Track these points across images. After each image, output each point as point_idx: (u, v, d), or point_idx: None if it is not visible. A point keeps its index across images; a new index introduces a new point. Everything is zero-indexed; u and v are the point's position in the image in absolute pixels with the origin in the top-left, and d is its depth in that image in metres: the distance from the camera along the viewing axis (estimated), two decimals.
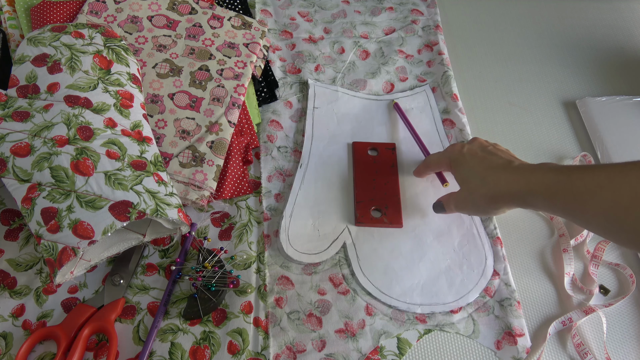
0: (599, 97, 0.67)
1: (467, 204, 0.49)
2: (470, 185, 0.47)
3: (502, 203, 0.45)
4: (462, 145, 0.51)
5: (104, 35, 0.57)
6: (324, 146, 0.60)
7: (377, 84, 0.67)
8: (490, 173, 0.46)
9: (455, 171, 0.50)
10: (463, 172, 0.49)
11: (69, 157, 0.46)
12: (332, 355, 0.47)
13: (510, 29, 0.76)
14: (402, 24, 0.74)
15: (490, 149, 0.49)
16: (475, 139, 0.51)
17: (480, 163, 0.48)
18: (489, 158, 0.48)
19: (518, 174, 0.44)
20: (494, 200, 0.45)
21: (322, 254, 0.52)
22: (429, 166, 0.55)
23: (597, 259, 0.54)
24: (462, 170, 0.49)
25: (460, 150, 0.50)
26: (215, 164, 0.54)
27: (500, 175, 0.45)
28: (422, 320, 0.49)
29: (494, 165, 0.46)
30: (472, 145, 0.50)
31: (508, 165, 0.46)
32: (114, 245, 0.47)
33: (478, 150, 0.49)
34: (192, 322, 0.47)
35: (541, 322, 0.50)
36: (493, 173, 0.46)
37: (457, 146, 0.51)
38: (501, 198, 0.45)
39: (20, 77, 0.52)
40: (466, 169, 0.48)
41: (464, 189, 0.49)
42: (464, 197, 0.49)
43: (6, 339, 0.45)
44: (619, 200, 0.37)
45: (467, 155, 0.49)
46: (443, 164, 0.52)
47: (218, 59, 0.61)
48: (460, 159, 0.49)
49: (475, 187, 0.47)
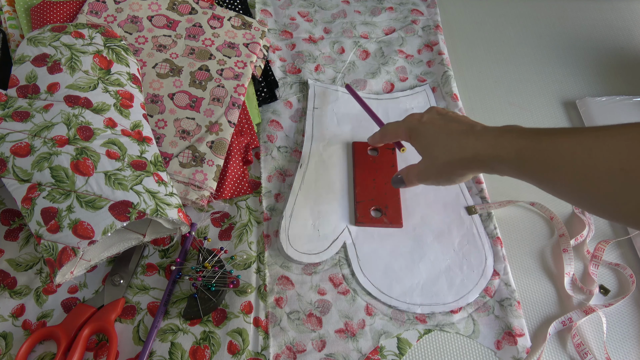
0: (599, 97, 0.67)
1: (430, 174, 0.47)
2: (432, 153, 0.45)
3: (466, 169, 0.43)
4: (420, 115, 0.49)
5: (104, 35, 0.57)
6: (324, 146, 0.60)
7: (377, 84, 0.67)
8: (453, 139, 0.44)
9: (414, 141, 0.48)
10: (423, 140, 0.47)
11: (69, 157, 0.46)
12: (332, 355, 0.47)
13: (510, 29, 0.76)
14: (402, 24, 0.74)
15: (451, 115, 0.47)
16: (433, 108, 0.49)
17: (441, 130, 0.45)
18: (450, 125, 0.45)
19: (483, 138, 0.42)
20: (458, 167, 0.44)
21: (322, 254, 0.52)
22: (386, 135, 0.53)
23: (597, 259, 0.54)
24: (423, 139, 0.47)
25: (420, 119, 0.48)
26: (215, 164, 0.54)
27: (463, 141, 0.43)
28: (422, 320, 0.49)
29: (456, 130, 0.44)
30: (430, 113, 0.48)
31: (471, 130, 0.44)
32: (114, 245, 0.47)
33: (437, 117, 0.47)
34: (192, 322, 0.47)
35: (541, 322, 0.50)
36: (455, 139, 0.44)
37: (416, 115, 0.49)
38: (466, 164, 0.43)
39: (20, 77, 0.52)
40: (426, 137, 0.46)
41: (426, 158, 0.47)
42: (426, 167, 0.47)
43: (6, 339, 0.45)
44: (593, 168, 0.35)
45: (427, 124, 0.47)
46: (401, 134, 0.50)
47: (218, 59, 0.61)
48: (419, 127, 0.47)
49: (437, 155, 0.45)
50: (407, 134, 0.49)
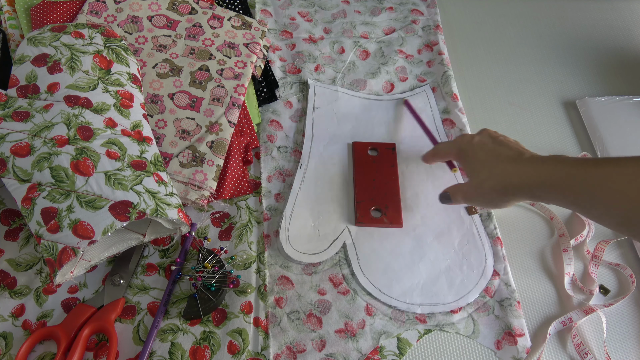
0: (599, 97, 0.67)
1: (476, 196, 0.48)
2: (480, 176, 0.47)
3: (511, 195, 0.45)
4: (471, 136, 0.50)
5: (104, 35, 0.57)
6: (324, 146, 0.60)
7: (377, 84, 0.67)
8: (500, 164, 0.45)
9: (464, 162, 0.49)
10: (472, 163, 0.48)
11: (69, 157, 0.46)
12: (332, 355, 0.47)
13: (510, 29, 0.76)
14: (402, 24, 0.74)
15: (501, 140, 0.48)
16: (485, 130, 0.51)
17: (490, 154, 0.47)
18: (499, 149, 0.47)
19: (529, 165, 0.43)
20: (503, 192, 0.45)
21: (322, 254, 0.52)
22: (438, 154, 0.54)
23: (597, 259, 0.54)
24: (472, 161, 0.48)
25: (470, 141, 0.49)
26: (215, 164, 0.54)
27: (510, 167, 0.44)
28: (422, 320, 0.49)
29: (504, 156, 0.46)
30: (482, 136, 0.50)
31: (518, 157, 0.45)
32: (114, 245, 0.47)
33: (488, 141, 0.48)
34: (192, 322, 0.47)
35: (541, 322, 0.50)
36: (503, 164, 0.45)
37: (467, 137, 0.50)
38: (511, 190, 0.44)
39: (20, 77, 0.52)
40: (475, 160, 0.48)
41: (473, 180, 0.48)
42: (472, 189, 0.48)
43: (6, 339, 0.45)
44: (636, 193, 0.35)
45: (476, 146, 0.48)
46: (452, 154, 0.52)
47: (218, 59, 0.61)
48: (469, 149, 0.49)
49: (484, 178, 0.46)
50: (457, 154, 0.50)
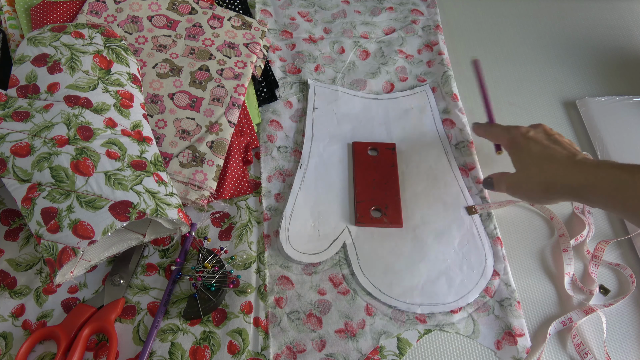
0: (599, 97, 0.67)
1: (521, 189, 0.48)
2: (529, 171, 0.47)
3: (557, 194, 0.45)
4: (527, 129, 0.50)
5: (104, 35, 0.57)
6: (324, 146, 0.60)
7: (377, 84, 0.67)
8: (552, 163, 0.46)
9: (514, 153, 0.50)
10: (523, 156, 0.48)
11: (69, 157, 0.46)
12: (332, 355, 0.47)
13: (510, 29, 0.76)
14: (402, 24, 0.74)
15: (555, 138, 0.48)
16: (541, 125, 0.51)
17: (543, 151, 0.47)
18: (552, 147, 0.47)
19: (579, 167, 0.44)
20: (549, 190, 0.45)
21: (322, 254, 0.52)
22: (490, 134, 0.55)
23: (597, 259, 0.54)
24: (523, 155, 0.48)
25: (525, 134, 0.49)
26: (215, 164, 0.54)
27: (562, 167, 0.45)
28: (422, 320, 0.49)
29: (557, 155, 0.46)
30: (537, 131, 0.50)
31: (571, 158, 0.45)
32: (114, 245, 0.47)
33: (542, 137, 0.49)
34: (192, 322, 0.47)
35: (541, 322, 0.50)
36: (554, 163, 0.45)
37: (523, 129, 0.51)
38: (558, 189, 0.44)
39: (20, 77, 0.52)
40: (527, 154, 0.48)
41: (520, 173, 0.48)
42: (519, 181, 0.48)
43: (6, 339, 0.45)
44: None
45: (530, 141, 0.49)
46: (503, 141, 0.52)
47: (218, 59, 0.61)
48: (523, 142, 0.49)
49: (533, 174, 0.46)
50: (509, 144, 0.51)
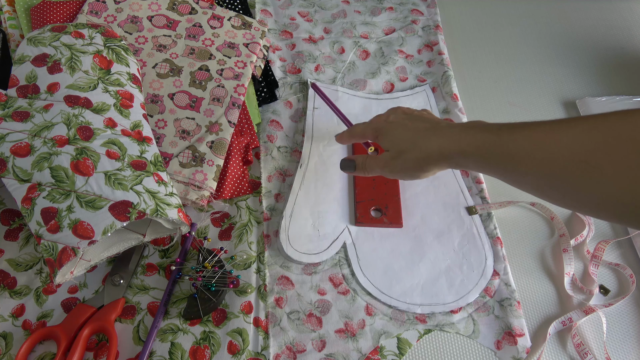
0: (599, 97, 0.67)
1: (395, 167, 0.47)
2: (399, 149, 0.46)
3: (432, 165, 0.44)
4: (386, 115, 0.50)
5: (104, 35, 0.57)
6: (324, 146, 0.60)
7: (377, 84, 0.67)
8: (419, 136, 0.45)
9: (382, 140, 0.49)
10: (391, 139, 0.48)
11: (69, 157, 0.46)
12: (332, 355, 0.47)
13: (510, 29, 0.76)
14: (402, 24, 0.74)
15: (416, 114, 0.48)
16: (398, 108, 0.51)
17: (407, 128, 0.47)
18: (415, 123, 0.47)
19: (448, 134, 0.43)
20: (424, 162, 0.44)
21: (322, 254, 0.52)
22: (354, 135, 0.54)
23: (597, 259, 0.54)
24: (390, 138, 0.48)
25: (386, 120, 0.49)
26: (215, 164, 0.54)
27: (430, 137, 0.44)
28: (422, 320, 0.49)
29: (422, 128, 0.46)
30: (397, 114, 0.50)
31: (436, 126, 0.45)
32: (114, 245, 0.47)
33: (403, 117, 0.49)
34: (192, 322, 0.47)
35: (541, 322, 0.50)
36: (422, 136, 0.45)
37: (382, 116, 0.50)
38: (431, 159, 0.44)
39: (20, 77, 0.52)
40: (394, 135, 0.47)
41: (393, 151, 0.47)
42: (392, 159, 0.47)
43: (6, 339, 0.45)
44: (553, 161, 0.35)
45: (393, 123, 0.48)
46: (368, 134, 0.51)
47: (218, 59, 0.61)
48: (386, 127, 0.49)
49: (403, 150, 0.46)
50: (374, 134, 0.50)
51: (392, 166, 0.47)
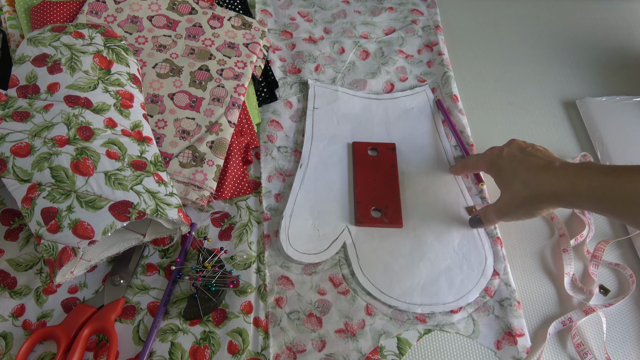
0: (599, 97, 0.67)
1: (510, 209, 0.48)
2: (512, 188, 0.47)
3: (546, 204, 0.45)
4: (500, 149, 0.51)
5: (104, 35, 0.57)
6: (324, 146, 0.60)
7: (377, 84, 0.67)
8: (532, 174, 0.46)
9: (495, 174, 0.50)
10: (504, 175, 0.48)
11: (69, 157, 0.46)
12: (332, 355, 0.47)
13: (510, 29, 0.76)
14: (402, 24, 0.74)
15: (529, 150, 0.49)
16: (513, 141, 0.51)
17: (521, 165, 0.47)
18: (529, 159, 0.47)
19: (562, 174, 0.44)
20: (537, 201, 0.45)
21: (322, 254, 0.52)
22: (467, 167, 0.55)
23: (597, 259, 0.54)
24: (503, 174, 0.49)
25: (500, 154, 0.50)
26: (215, 164, 0.54)
27: (543, 176, 0.45)
28: (422, 320, 0.49)
29: (535, 166, 0.46)
30: (511, 147, 0.50)
31: (550, 166, 0.45)
32: (114, 245, 0.47)
33: (517, 152, 0.49)
34: (192, 322, 0.47)
35: (541, 322, 0.50)
36: (535, 174, 0.45)
37: (496, 149, 0.51)
38: (545, 199, 0.45)
39: (20, 77, 0.52)
40: (507, 172, 0.48)
41: (505, 194, 0.48)
42: (504, 203, 0.49)
43: (6, 339, 0.45)
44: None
45: (506, 158, 0.49)
46: (481, 166, 0.53)
47: (218, 59, 0.61)
48: (499, 162, 0.49)
49: (516, 189, 0.47)
50: (488, 167, 0.51)
51: (506, 209, 0.49)
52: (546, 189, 0.44)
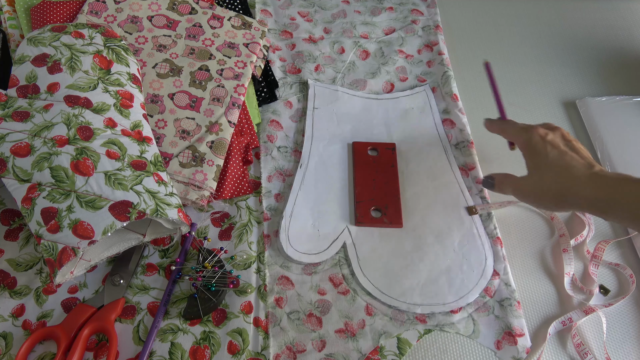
0: (599, 97, 0.67)
1: (531, 194, 0.46)
2: (543, 176, 0.45)
3: (573, 205, 0.44)
4: (545, 132, 0.48)
5: (104, 35, 0.57)
6: (324, 146, 0.60)
7: (377, 84, 0.67)
8: (568, 172, 0.44)
9: (529, 155, 0.48)
10: (539, 160, 0.46)
11: (69, 157, 0.46)
12: (332, 355, 0.47)
13: (510, 29, 0.76)
14: (402, 24, 0.74)
15: (573, 144, 0.47)
16: (558, 129, 0.49)
17: (560, 157, 0.45)
18: (570, 154, 0.45)
19: (599, 180, 0.42)
20: (564, 200, 0.44)
21: (322, 254, 0.52)
22: (505, 132, 0.53)
23: (597, 259, 0.54)
24: (538, 158, 0.46)
25: (543, 137, 0.47)
26: (215, 164, 0.54)
27: (578, 177, 0.43)
28: (422, 320, 0.49)
29: (574, 164, 0.44)
30: (555, 134, 0.48)
31: (588, 169, 0.44)
32: (114, 245, 0.47)
33: (560, 142, 0.47)
34: (192, 322, 0.47)
35: (541, 322, 0.50)
36: (571, 173, 0.44)
37: (541, 131, 0.48)
38: (574, 200, 0.43)
39: (20, 77, 0.52)
40: (543, 158, 0.46)
41: (534, 178, 0.46)
42: (528, 186, 0.46)
43: (6, 339, 0.45)
44: None
45: (548, 145, 0.47)
46: (519, 140, 0.50)
47: (218, 59, 0.61)
48: (540, 145, 0.47)
49: (547, 180, 0.45)
50: (525, 145, 0.49)
51: (526, 192, 0.47)
52: (579, 190, 0.43)
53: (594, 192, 0.42)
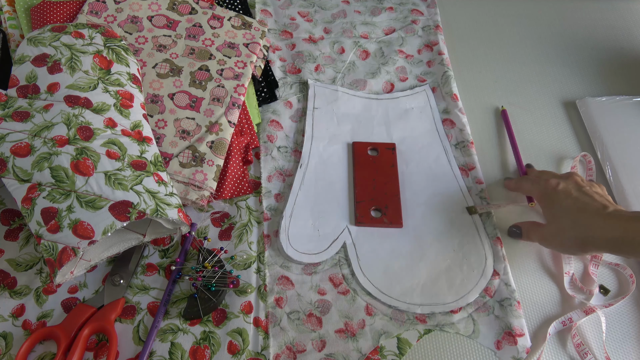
0: (599, 97, 0.67)
1: (554, 241, 0.49)
2: (560, 224, 0.48)
3: (592, 247, 0.46)
4: (557, 182, 0.51)
5: (104, 35, 0.57)
6: (324, 146, 0.60)
7: (377, 84, 0.67)
8: (584, 216, 0.46)
9: (546, 207, 0.51)
10: (555, 210, 0.49)
11: (69, 157, 0.46)
12: (332, 355, 0.47)
13: (510, 29, 0.76)
14: (402, 24, 0.74)
15: (586, 190, 0.49)
16: (571, 176, 0.51)
17: (574, 204, 0.48)
18: (583, 199, 0.48)
19: (614, 220, 0.44)
20: (584, 244, 0.46)
21: (322, 254, 0.52)
22: (521, 189, 0.56)
23: (597, 259, 0.54)
24: (554, 208, 0.49)
25: (555, 187, 0.50)
26: (215, 164, 0.54)
27: (594, 220, 0.45)
28: (422, 320, 0.49)
29: (588, 208, 0.47)
30: (567, 182, 0.50)
31: (602, 211, 0.46)
32: (114, 245, 0.47)
33: (573, 189, 0.49)
34: (192, 322, 0.47)
35: (541, 322, 0.50)
36: (586, 217, 0.46)
37: (553, 182, 0.51)
38: (592, 243, 0.45)
39: (20, 77, 0.52)
40: (558, 207, 0.49)
41: (552, 226, 0.49)
42: (551, 235, 0.49)
43: (6, 339, 0.45)
44: None
45: (561, 194, 0.49)
46: (534, 194, 0.53)
47: (218, 59, 0.61)
48: (553, 196, 0.50)
49: (565, 227, 0.47)
50: (540, 197, 0.52)
51: (550, 241, 0.50)
52: (595, 232, 0.45)
53: (610, 232, 0.44)
